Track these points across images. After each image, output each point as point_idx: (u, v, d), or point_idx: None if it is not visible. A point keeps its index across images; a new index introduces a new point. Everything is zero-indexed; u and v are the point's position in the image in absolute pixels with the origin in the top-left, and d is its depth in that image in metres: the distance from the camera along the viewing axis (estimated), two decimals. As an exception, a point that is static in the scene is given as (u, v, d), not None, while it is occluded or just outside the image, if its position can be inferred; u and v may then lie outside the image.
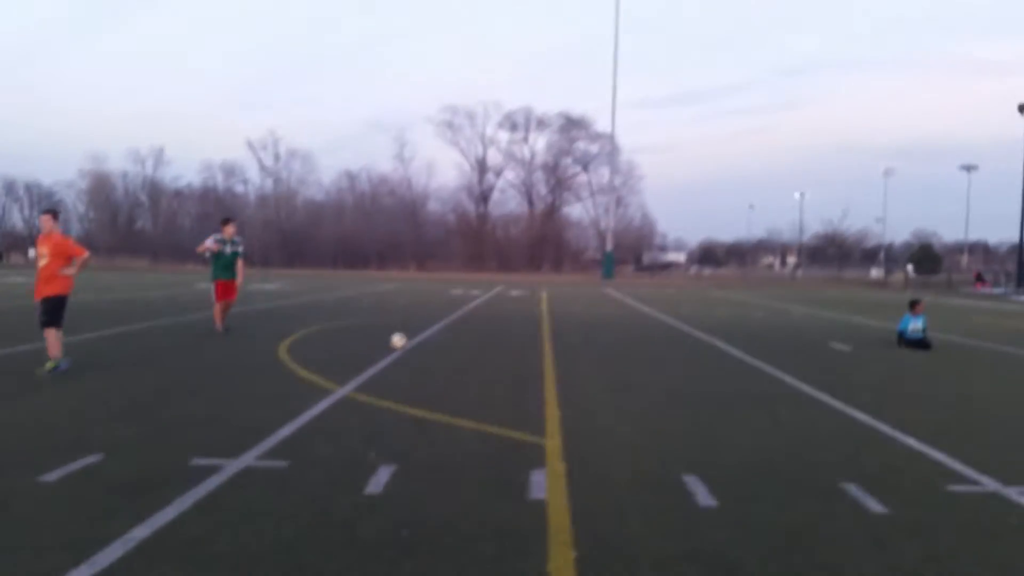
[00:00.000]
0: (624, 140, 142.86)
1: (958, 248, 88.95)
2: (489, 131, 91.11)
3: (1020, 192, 43.00)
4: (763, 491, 4.94)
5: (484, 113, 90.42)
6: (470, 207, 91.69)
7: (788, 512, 4.55)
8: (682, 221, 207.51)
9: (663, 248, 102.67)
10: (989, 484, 5.21)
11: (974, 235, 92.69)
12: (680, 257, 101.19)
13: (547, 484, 4.92)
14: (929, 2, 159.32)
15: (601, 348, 12.56)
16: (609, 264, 56.77)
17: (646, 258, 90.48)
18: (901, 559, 3.88)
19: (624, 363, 10.77)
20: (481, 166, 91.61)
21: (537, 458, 5.54)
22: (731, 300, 30.33)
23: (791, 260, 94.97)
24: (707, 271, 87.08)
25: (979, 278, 49.79)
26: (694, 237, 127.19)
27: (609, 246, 59.82)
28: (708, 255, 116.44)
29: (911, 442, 6.39)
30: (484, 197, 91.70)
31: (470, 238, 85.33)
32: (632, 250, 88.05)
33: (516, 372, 9.61)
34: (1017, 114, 42.80)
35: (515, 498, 4.65)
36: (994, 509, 4.73)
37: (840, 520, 4.45)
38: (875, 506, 4.68)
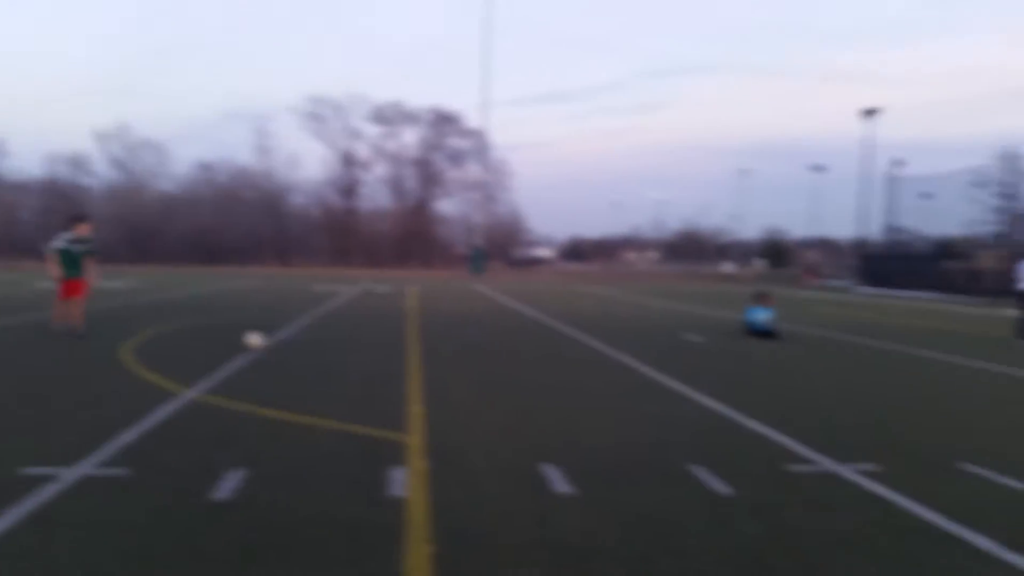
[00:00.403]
0: (497, 137, 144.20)
1: (806, 244, 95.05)
2: (357, 124, 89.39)
3: (860, 191, 46.56)
4: (617, 477, 5.07)
5: (351, 105, 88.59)
6: (336, 201, 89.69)
7: (640, 496, 4.68)
8: (552, 217, 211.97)
9: (532, 244, 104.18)
10: (826, 463, 5.56)
11: (822, 231, 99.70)
12: (549, 253, 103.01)
13: (407, 481, 4.85)
14: (786, 11, 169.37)
15: (467, 344, 12.56)
16: (479, 260, 57.03)
17: (515, 254, 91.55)
18: (743, 537, 4.07)
19: (489, 358, 10.81)
20: (348, 159, 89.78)
21: (398, 456, 5.45)
22: (595, 295, 31.14)
23: (651, 256, 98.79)
24: (573, 266, 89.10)
25: (810, 271, 53.02)
26: (563, 233, 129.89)
27: (478, 242, 60.09)
28: (575, 251, 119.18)
29: (756, 426, 6.74)
30: (351, 191, 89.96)
31: (336, 233, 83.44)
32: (502, 246, 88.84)
33: (379, 370, 9.45)
34: (859, 118, 46.23)
35: (373, 497, 4.55)
36: (830, 486, 5.05)
37: (688, 502, 4.62)
38: (721, 487, 4.89)
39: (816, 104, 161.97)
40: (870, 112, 45.59)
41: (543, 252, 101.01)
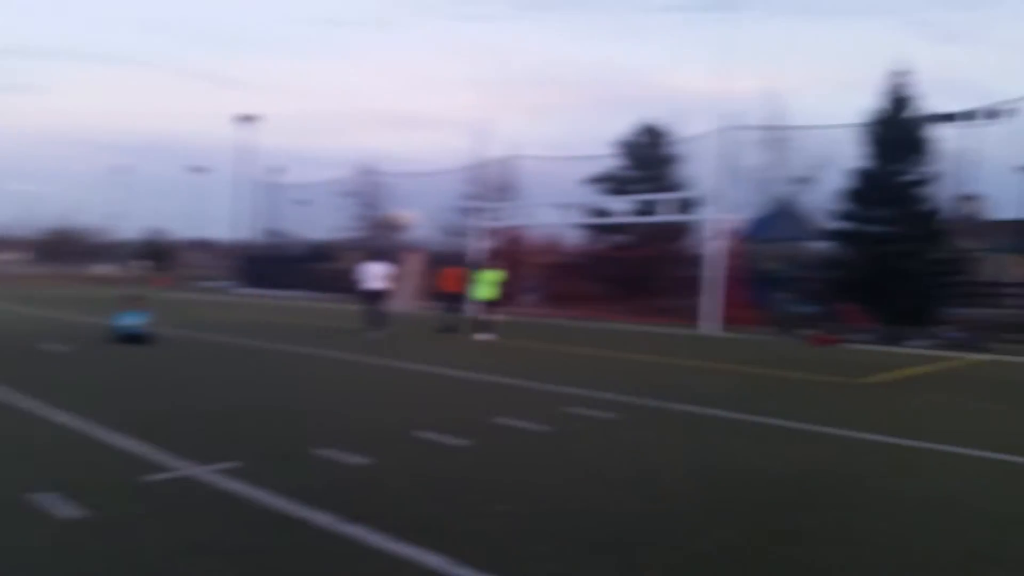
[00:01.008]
0: None
1: (189, 244, 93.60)
2: None
3: (238, 194, 47.92)
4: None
5: None
6: None
7: (-40, 543, 3.95)
8: None
9: None
10: (187, 468, 5.49)
11: (205, 233, 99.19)
12: None
13: None
14: (171, 12, 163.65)
15: None
16: None
17: None
18: (88, 561, 3.76)
19: None
20: None
21: None
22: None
23: (18, 256, 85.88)
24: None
25: (161, 277, 49.06)
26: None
27: None
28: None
29: (117, 439, 6.32)
30: None
31: None
32: None
33: None
34: (237, 124, 47.42)
35: None
36: (188, 490, 4.99)
37: (28, 534, 4.08)
38: (71, 511, 4.44)
39: (197, 106, 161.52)
40: (247, 118, 47.39)
41: None
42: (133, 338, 13.36)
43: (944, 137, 23.69)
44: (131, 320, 13.60)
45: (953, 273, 22.24)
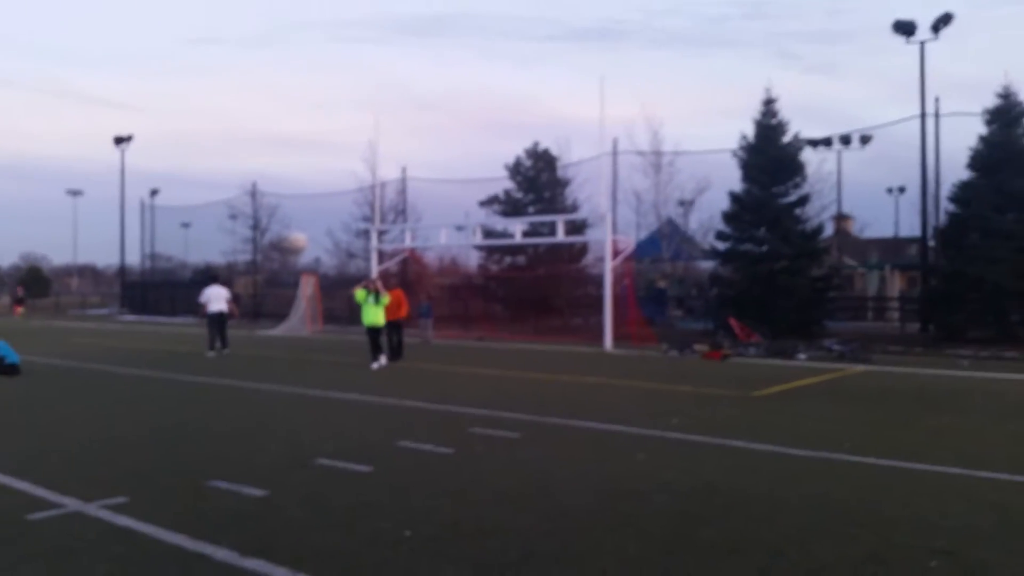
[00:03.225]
0: None
1: (68, 271, 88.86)
2: None
3: (119, 218, 45.73)
4: None
5: None
6: None
7: None
8: None
9: None
10: (71, 504, 5.22)
11: (83, 258, 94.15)
12: None
13: None
14: (44, 31, 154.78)
15: None
16: None
17: None
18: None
19: None
20: None
21: None
22: None
23: None
24: None
25: (17, 301, 45.17)
26: None
27: None
28: None
29: (-6, 478, 5.95)
30: None
31: None
32: None
33: None
34: (114, 145, 45.37)
35: None
36: (77, 528, 4.75)
37: None
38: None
39: (75, 125, 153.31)
40: (123, 139, 45.45)
41: None
42: (1, 369, 12.59)
43: (813, 160, 25.10)
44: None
45: (832, 288, 23.50)
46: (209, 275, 24.90)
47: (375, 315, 14.60)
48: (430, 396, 10.71)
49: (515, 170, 33.91)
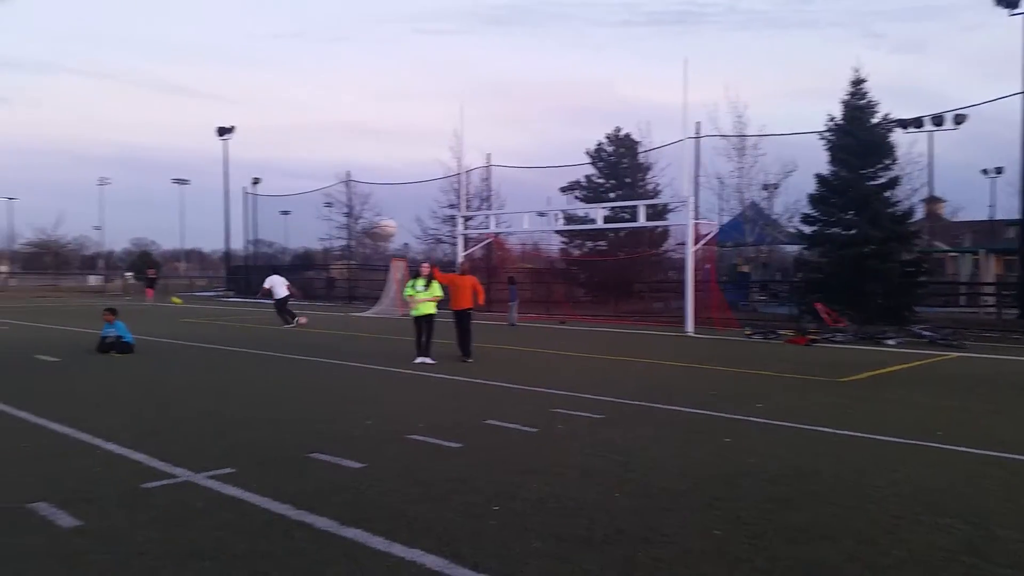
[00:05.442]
0: None
1: (175, 256, 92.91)
2: None
3: (223, 206, 47.68)
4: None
5: None
6: None
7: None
8: None
9: None
10: (182, 474, 5.58)
11: (192, 243, 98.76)
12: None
13: None
14: (134, 23, 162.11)
15: None
16: None
17: None
18: (89, 569, 3.85)
19: None
20: None
21: None
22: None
23: (2, 268, 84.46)
24: None
25: (148, 284, 47.26)
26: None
27: None
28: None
29: (112, 447, 6.40)
30: None
31: None
32: None
33: None
34: (217, 136, 47.09)
35: None
36: (187, 497, 5.08)
37: (30, 539, 4.17)
38: (67, 520, 4.52)
39: (176, 117, 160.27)
40: (226, 130, 47.15)
41: None
42: (118, 348, 13.37)
43: (903, 141, 24.07)
44: (113, 331, 13.60)
45: (923, 273, 22.59)
46: (270, 265, 29.42)
47: (424, 304, 13.25)
48: (515, 377, 10.88)
49: (596, 156, 33.79)
